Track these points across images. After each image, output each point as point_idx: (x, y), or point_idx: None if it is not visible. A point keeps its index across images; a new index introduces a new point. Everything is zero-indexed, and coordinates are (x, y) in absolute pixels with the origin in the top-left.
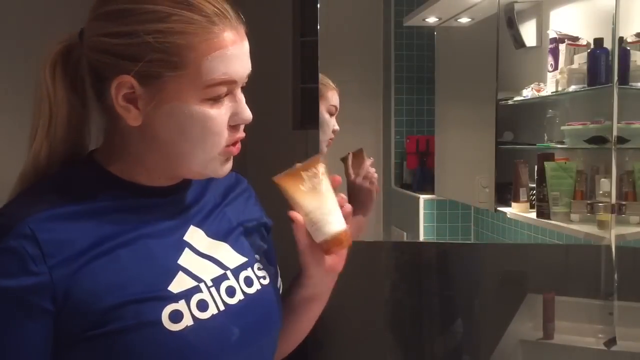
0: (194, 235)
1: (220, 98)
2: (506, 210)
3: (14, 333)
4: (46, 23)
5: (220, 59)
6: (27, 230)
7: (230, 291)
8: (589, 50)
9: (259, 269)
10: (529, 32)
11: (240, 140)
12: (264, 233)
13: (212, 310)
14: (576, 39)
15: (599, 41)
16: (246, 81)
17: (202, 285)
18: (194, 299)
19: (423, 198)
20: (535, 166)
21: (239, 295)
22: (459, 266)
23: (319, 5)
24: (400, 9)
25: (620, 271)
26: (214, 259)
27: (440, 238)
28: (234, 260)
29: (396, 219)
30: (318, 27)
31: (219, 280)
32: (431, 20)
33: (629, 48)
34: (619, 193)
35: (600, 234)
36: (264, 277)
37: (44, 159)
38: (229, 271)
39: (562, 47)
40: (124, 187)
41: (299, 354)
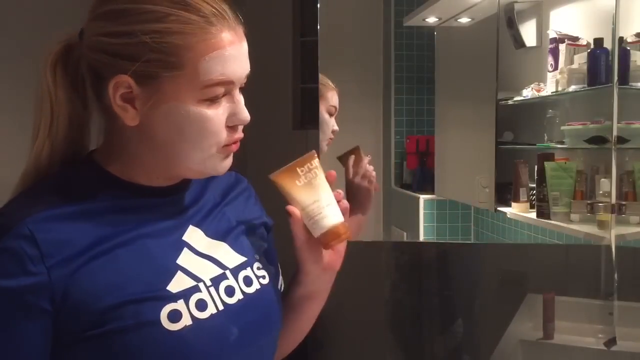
0: (193, 235)
1: (218, 98)
2: (506, 210)
3: (13, 333)
4: (46, 23)
5: (217, 60)
6: (26, 230)
7: (230, 291)
8: (589, 50)
9: (258, 269)
10: (529, 32)
11: (240, 139)
12: (264, 232)
13: (211, 310)
14: (576, 39)
15: (599, 41)
16: (245, 82)
17: (201, 285)
18: (193, 299)
19: (423, 198)
20: (535, 166)
21: (238, 295)
22: (459, 266)
23: (319, 5)
24: (400, 9)
25: (620, 271)
26: (213, 258)
27: (440, 238)
28: (233, 259)
29: (396, 219)
30: (318, 27)
31: (218, 280)
32: (431, 20)
33: (629, 48)
34: (619, 193)
35: (600, 234)
36: (264, 277)
37: (46, 159)
38: (228, 271)
39: (562, 47)
40: (123, 187)
41: (299, 354)
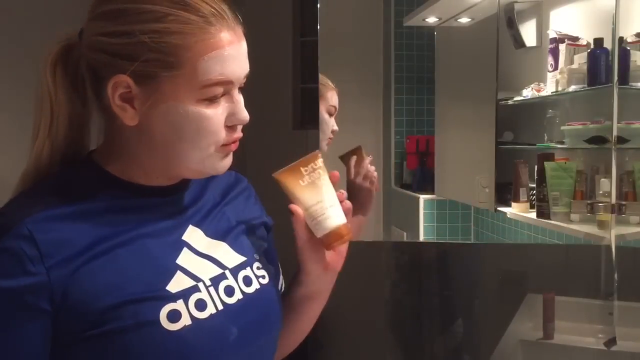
0: (193, 235)
1: (217, 98)
2: (506, 210)
3: (12, 333)
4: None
5: (216, 59)
6: (25, 230)
7: (229, 291)
8: (589, 50)
9: (258, 269)
10: (529, 32)
11: (239, 139)
12: (264, 232)
13: (211, 310)
14: (576, 39)
15: (599, 41)
16: (244, 81)
17: (201, 284)
18: (192, 299)
19: (423, 198)
20: (535, 166)
21: (238, 295)
22: (459, 266)
23: (319, 5)
24: (400, 9)
25: (620, 271)
26: (213, 258)
27: (440, 238)
28: (233, 259)
29: (396, 219)
30: (318, 27)
31: (217, 279)
32: (431, 20)
33: (629, 48)
34: (619, 193)
35: (600, 234)
36: (263, 277)
37: (46, 158)
38: (227, 271)
39: (562, 47)
40: (123, 187)
41: (299, 354)
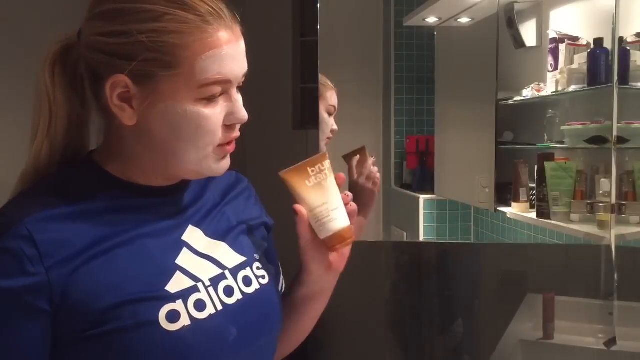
0: (193, 235)
1: (215, 97)
2: (506, 210)
3: (12, 333)
4: (46, 23)
5: (214, 59)
6: (25, 231)
7: (229, 291)
8: (589, 50)
9: (258, 269)
10: (529, 32)
11: (237, 139)
12: (264, 232)
13: (210, 310)
14: (576, 39)
15: (599, 41)
16: (243, 81)
17: (200, 285)
18: (192, 299)
19: (423, 198)
20: (535, 166)
21: (237, 295)
22: (459, 266)
23: (319, 5)
24: (400, 9)
25: (620, 271)
26: (213, 258)
27: (440, 238)
28: (233, 259)
29: (396, 219)
30: (318, 27)
31: (217, 280)
32: (431, 20)
33: (629, 48)
34: (619, 193)
35: (600, 234)
36: (263, 277)
37: (45, 159)
38: (227, 271)
39: (562, 47)
40: (123, 187)
41: (299, 354)
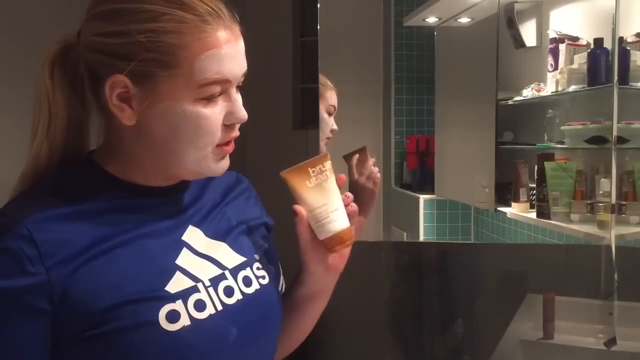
0: (193, 235)
1: (214, 97)
2: (506, 210)
3: (12, 333)
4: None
5: (213, 58)
6: (25, 231)
7: (229, 291)
8: (589, 50)
9: (258, 269)
10: (529, 32)
11: (237, 139)
12: (265, 232)
13: (210, 310)
14: (576, 39)
15: (599, 41)
16: (242, 80)
17: (200, 285)
18: (192, 299)
19: (423, 198)
20: (535, 166)
21: (237, 295)
22: (459, 266)
23: (319, 5)
24: (400, 9)
25: (620, 271)
26: (213, 258)
27: (440, 238)
28: (233, 260)
29: (396, 219)
30: (318, 27)
31: (217, 280)
32: (431, 20)
33: (629, 48)
34: (619, 193)
35: (600, 234)
36: (263, 277)
37: (45, 159)
38: (227, 271)
39: (562, 47)
40: (123, 187)
41: (299, 354)
